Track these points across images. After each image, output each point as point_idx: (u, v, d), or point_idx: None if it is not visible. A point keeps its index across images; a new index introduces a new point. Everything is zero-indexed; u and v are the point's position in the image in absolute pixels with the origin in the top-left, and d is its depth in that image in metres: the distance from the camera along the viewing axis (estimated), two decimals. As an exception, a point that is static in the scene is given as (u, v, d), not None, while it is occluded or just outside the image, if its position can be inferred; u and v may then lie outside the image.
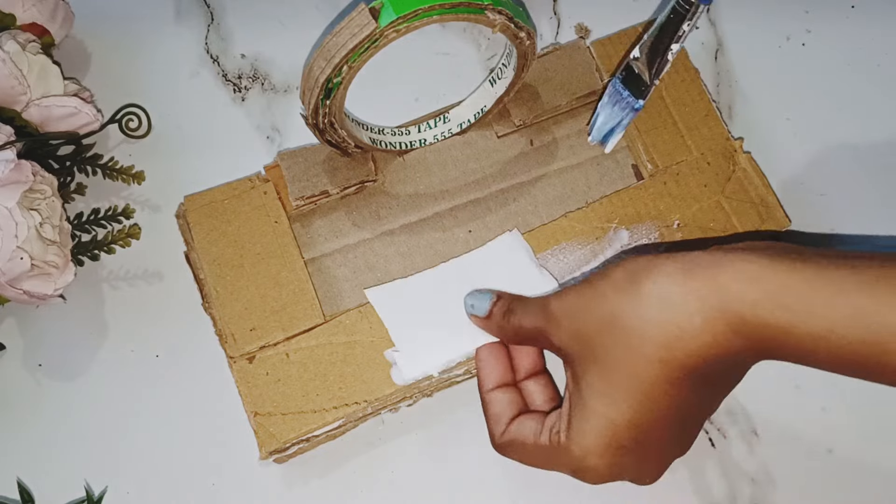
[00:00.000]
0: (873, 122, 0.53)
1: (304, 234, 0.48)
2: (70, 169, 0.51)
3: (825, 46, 0.55)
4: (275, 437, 0.43)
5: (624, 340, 0.34)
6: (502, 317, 0.41)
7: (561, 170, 0.50)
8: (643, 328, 0.34)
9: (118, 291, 0.50)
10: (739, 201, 0.47)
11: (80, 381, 0.48)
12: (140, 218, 0.51)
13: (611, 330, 0.35)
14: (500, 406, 0.41)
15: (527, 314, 0.39)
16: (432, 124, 0.50)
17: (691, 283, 0.33)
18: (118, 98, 0.52)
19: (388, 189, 0.49)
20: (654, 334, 0.34)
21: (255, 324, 0.45)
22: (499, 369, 0.42)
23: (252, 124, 0.54)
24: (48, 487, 0.46)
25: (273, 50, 0.55)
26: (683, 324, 0.33)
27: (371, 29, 0.40)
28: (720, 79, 0.54)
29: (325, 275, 0.48)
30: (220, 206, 0.47)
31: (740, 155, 0.48)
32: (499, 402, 0.41)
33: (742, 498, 0.46)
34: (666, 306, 0.34)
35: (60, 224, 0.47)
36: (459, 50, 0.55)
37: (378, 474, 0.46)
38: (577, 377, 0.37)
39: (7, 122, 0.47)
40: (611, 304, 0.35)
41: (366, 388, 0.44)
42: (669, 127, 0.49)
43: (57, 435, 0.47)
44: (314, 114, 0.44)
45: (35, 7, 0.51)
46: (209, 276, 0.46)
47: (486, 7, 0.41)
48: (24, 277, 0.45)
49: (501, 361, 0.42)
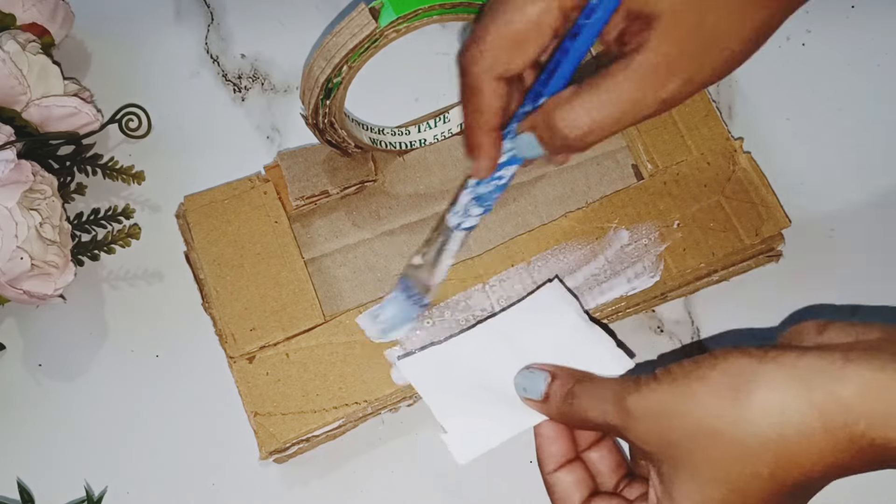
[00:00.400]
0: (873, 123, 0.53)
1: (304, 234, 0.48)
2: (70, 169, 0.51)
3: (825, 46, 0.55)
4: (275, 437, 0.43)
5: (726, 452, 0.32)
6: (562, 401, 0.37)
7: (561, 170, 0.50)
8: (751, 441, 0.31)
9: (118, 291, 0.50)
10: (739, 201, 0.47)
11: (80, 381, 0.48)
12: (140, 218, 0.51)
13: (709, 438, 0.32)
14: (567, 489, 0.37)
15: (594, 403, 0.35)
16: (432, 124, 0.50)
17: (810, 397, 0.30)
18: (118, 98, 0.52)
19: (388, 189, 0.49)
20: (766, 449, 0.31)
21: (255, 324, 0.45)
22: (561, 446, 0.38)
23: (252, 124, 0.54)
24: (48, 487, 0.46)
25: (273, 50, 0.55)
26: (801, 441, 0.30)
27: (371, 29, 0.40)
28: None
29: (325, 275, 0.48)
30: (220, 206, 0.47)
31: (740, 155, 0.48)
32: (565, 485, 0.38)
33: (742, 498, 0.46)
34: (781, 421, 0.30)
35: (60, 224, 0.47)
36: (459, 50, 0.55)
37: (378, 474, 0.46)
38: (664, 479, 0.34)
39: (7, 122, 0.47)
40: (710, 411, 0.32)
41: (366, 388, 0.44)
42: (669, 127, 0.49)
43: (57, 435, 0.47)
44: (314, 114, 0.44)
45: (35, 7, 0.51)
46: (209, 276, 0.46)
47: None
48: (24, 277, 0.45)
49: (563, 436, 0.38)
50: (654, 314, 0.49)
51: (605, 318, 0.47)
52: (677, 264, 0.46)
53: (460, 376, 0.41)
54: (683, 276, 0.46)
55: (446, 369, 0.41)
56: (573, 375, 0.38)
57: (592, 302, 0.45)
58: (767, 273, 0.49)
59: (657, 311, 0.49)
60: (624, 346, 0.42)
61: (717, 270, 0.47)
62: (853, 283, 0.49)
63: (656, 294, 0.47)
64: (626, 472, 0.39)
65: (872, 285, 0.49)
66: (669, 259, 0.46)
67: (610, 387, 0.35)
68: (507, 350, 0.41)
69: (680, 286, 0.47)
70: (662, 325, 0.49)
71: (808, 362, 0.31)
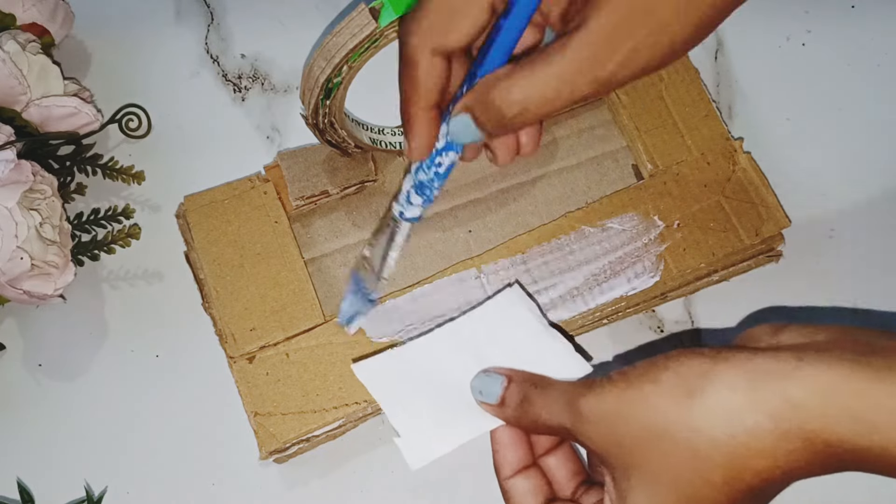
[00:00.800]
0: (873, 122, 0.53)
1: (304, 234, 0.48)
2: (70, 169, 0.51)
3: (825, 46, 0.55)
4: (275, 437, 0.43)
5: (678, 455, 0.31)
6: (518, 406, 0.37)
7: (561, 170, 0.50)
8: (703, 445, 0.30)
9: (118, 291, 0.50)
10: (739, 201, 0.47)
11: (80, 381, 0.48)
12: (140, 218, 0.51)
13: (660, 442, 0.31)
14: (523, 497, 0.37)
15: (548, 407, 0.35)
16: (432, 124, 0.50)
17: (759, 397, 0.30)
18: (118, 98, 0.52)
19: (388, 189, 0.49)
20: (718, 453, 0.30)
21: (255, 324, 0.45)
22: (518, 452, 0.38)
23: (252, 124, 0.54)
24: (48, 487, 0.46)
25: (273, 50, 0.55)
26: (753, 444, 0.30)
27: (371, 29, 0.40)
28: (720, 79, 0.54)
29: (325, 275, 0.48)
30: (220, 206, 0.47)
31: (740, 155, 0.48)
32: (521, 493, 0.37)
33: (742, 498, 0.46)
34: (732, 423, 0.30)
35: (60, 224, 0.47)
36: (459, 50, 0.55)
37: (378, 474, 0.46)
38: (618, 484, 0.33)
39: (7, 122, 0.47)
40: (661, 413, 0.31)
41: (366, 388, 0.44)
42: (669, 127, 0.49)
43: (57, 435, 0.47)
44: (314, 114, 0.44)
45: (35, 7, 0.51)
46: (209, 276, 0.46)
47: (486, 7, 0.41)
48: (24, 277, 0.45)
49: (519, 442, 0.38)
50: (654, 314, 0.49)
51: (605, 317, 0.47)
52: (677, 264, 0.46)
53: (417, 380, 0.41)
54: (683, 276, 0.46)
55: (402, 373, 0.41)
56: (529, 379, 0.37)
57: (592, 302, 0.45)
58: (767, 273, 0.49)
59: (657, 311, 0.49)
60: (582, 350, 0.41)
61: (717, 270, 0.47)
62: (853, 284, 0.49)
63: (656, 294, 0.47)
64: (584, 478, 0.38)
65: (872, 285, 0.49)
66: (669, 259, 0.46)
67: (564, 390, 0.35)
68: (465, 354, 0.40)
69: (680, 286, 0.47)
70: (662, 325, 0.49)
71: (760, 363, 0.30)
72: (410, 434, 0.40)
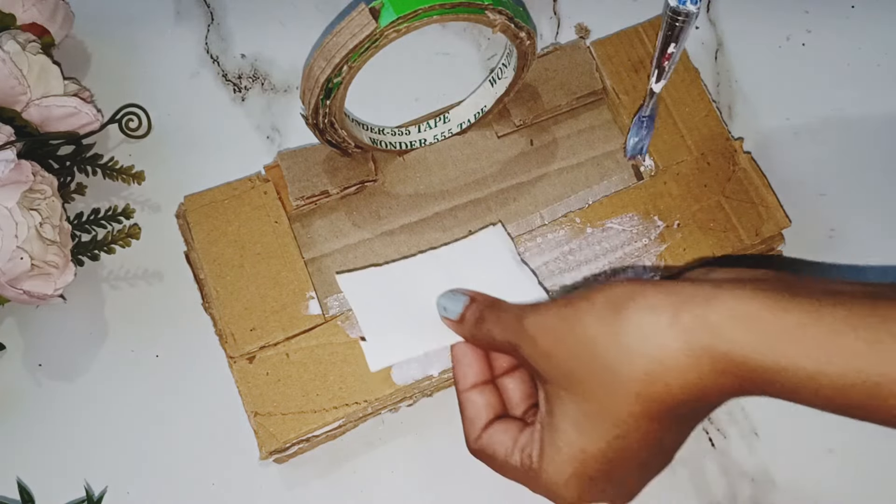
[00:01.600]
0: (873, 122, 0.53)
1: (304, 234, 0.48)
2: (70, 169, 0.51)
3: (825, 46, 0.55)
4: (275, 437, 0.43)
5: (601, 370, 0.33)
6: (474, 323, 0.40)
7: (561, 170, 0.50)
8: (623, 360, 0.33)
9: (118, 291, 0.50)
10: (739, 201, 0.47)
11: (80, 381, 0.48)
12: (140, 218, 0.51)
13: (587, 357, 0.33)
14: (476, 409, 0.40)
15: (499, 325, 0.38)
16: (432, 124, 0.50)
17: (679, 318, 0.32)
18: (118, 98, 0.52)
19: (388, 189, 0.49)
20: (635, 368, 0.32)
21: (255, 324, 0.45)
22: (475, 367, 0.40)
23: (252, 124, 0.54)
24: (48, 487, 0.46)
25: (273, 50, 0.55)
26: (667, 361, 0.32)
27: (371, 29, 0.40)
28: (720, 79, 0.54)
29: (325, 275, 0.48)
30: (220, 206, 0.47)
31: (740, 155, 0.48)
32: (474, 405, 0.40)
33: (742, 498, 0.46)
34: (649, 340, 0.32)
35: (60, 224, 0.47)
36: (459, 50, 0.55)
37: (378, 474, 0.46)
38: (549, 400, 0.36)
39: (7, 122, 0.47)
40: (589, 329, 0.33)
41: (366, 388, 0.44)
42: (669, 127, 0.49)
43: (57, 435, 0.47)
44: (314, 114, 0.44)
45: (35, 7, 0.51)
46: (209, 276, 0.46)
47: (486, 7, 0.41)
48: (24, 277, 0.45)
49: (478, 359, 0.41)
50: (654, 314, 0.49)
51: (605, 318, 0.47)
52: (677, 264, 0.46)
53: (392, 295, 0.44)
54: (683, 276, 0.46)
55: (381, 289, 0.44)
56: (488, 300, 0.40)
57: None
58: (767, 273, 0.49)
59: (657, 311, 0.49)
60: (544, 287, 0.44)
61: (717, 270, 0.47)
62: (853, 283, 0.49)
63: (656, 294, 0.47)
64: (536, 401, 0.40)
65: (872, 285, 0.49)
66: (669, 259, 0.46)
67: (514, 309, 0.38)
68: (441, 279, 0.43)
69: (680, 286, 0.47)
70: (662, 325, 0.49)
71: (682, 287, 0.33)
72: (375, 339, 0.43)
